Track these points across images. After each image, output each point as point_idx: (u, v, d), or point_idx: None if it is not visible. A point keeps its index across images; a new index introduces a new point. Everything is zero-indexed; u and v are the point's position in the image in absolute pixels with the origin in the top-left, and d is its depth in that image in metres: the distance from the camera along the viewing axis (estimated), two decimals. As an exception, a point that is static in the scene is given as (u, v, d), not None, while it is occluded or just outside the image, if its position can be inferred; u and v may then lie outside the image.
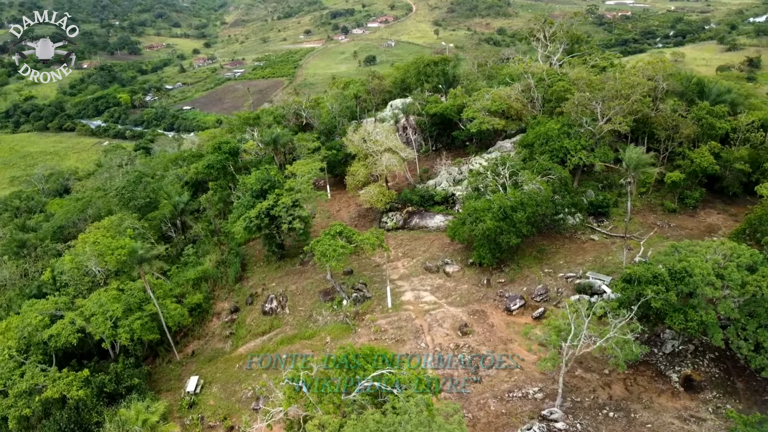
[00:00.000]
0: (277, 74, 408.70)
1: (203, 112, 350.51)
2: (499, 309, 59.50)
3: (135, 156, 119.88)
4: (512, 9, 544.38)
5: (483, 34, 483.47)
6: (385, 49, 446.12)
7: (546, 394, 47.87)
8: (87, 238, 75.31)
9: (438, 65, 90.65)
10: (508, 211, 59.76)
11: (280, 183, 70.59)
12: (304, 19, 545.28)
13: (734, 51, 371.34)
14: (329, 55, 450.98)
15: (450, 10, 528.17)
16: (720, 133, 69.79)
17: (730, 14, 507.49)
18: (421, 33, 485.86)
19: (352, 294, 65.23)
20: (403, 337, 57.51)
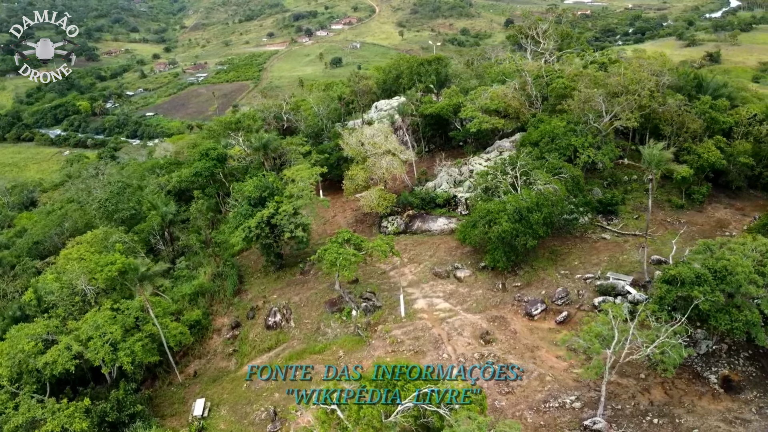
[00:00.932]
0: (242, 77, 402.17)
1: (167, 118, 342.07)
2: (519, 314, 57.44)
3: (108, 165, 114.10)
4: (474, 9, 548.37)
5: (447, 34, 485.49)
6: (351, 51, 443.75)
7: (584, 403, 45.89)
8: (70, 254, 70.91)
9: (432, 65, 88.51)
10: (524, 212, 57.81)
11: (279, 190, 67.25)
12: (266, 21, 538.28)
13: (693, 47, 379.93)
14: (294, 57, 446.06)
15: (413, 11, 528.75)
16: (724, 127, 69.32)
17: (687, 11, 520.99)
18: (385, 34, 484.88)
19: (362, 304, 62.31)
20: (422, 347, 54.87)
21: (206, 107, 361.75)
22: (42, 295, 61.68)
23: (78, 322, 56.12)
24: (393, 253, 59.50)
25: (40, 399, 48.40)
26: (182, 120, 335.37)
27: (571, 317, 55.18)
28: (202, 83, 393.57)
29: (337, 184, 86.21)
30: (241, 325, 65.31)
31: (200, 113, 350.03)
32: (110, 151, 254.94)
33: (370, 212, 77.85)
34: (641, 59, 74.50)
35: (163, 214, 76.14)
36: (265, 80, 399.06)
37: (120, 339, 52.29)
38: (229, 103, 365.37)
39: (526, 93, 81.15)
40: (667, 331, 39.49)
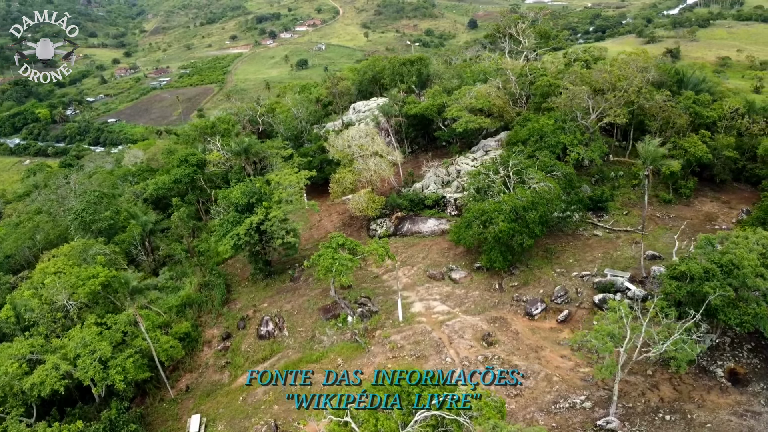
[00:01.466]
0: (206, 81, 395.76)
1: (130, 124, 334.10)
2: (519, 314, 56.89)
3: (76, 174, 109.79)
4: (437, 10, 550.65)
5: (412, 35, 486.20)
6: (317, 53, 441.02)
7: (594, 402, 45.45)
8: (47, 268, 67.67)
9: (414, 65, 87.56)
10: (520, 211, 57.31)
11: (267, 195, 65.40)
12: (228, 24, 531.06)
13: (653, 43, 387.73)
14: (258, 60, 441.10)
15: (377, 12, 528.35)
16: (708, 121, 70.13)
17: (645, 8, 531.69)
18: (350, 36, 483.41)
19: (357, 309, 60.98)
20: (423, 352, 53.81)
21: (170, 112, 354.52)
22: (21, 312, 58.57)
23: (62, 339, 53.43)
24: (389, 257, 58.27)
25: (29, 423, 45.81)
26: (146, 126, 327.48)
27: (572, 316, 54.89)
28: (165, 88, 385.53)
29: (321, 187, 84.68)
30: (232, 336, 63.25)
31: (164, 118, 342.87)
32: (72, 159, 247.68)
33: (358, 215, 76.57)
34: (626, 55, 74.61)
35: (143, 223, 73.43)
36: (229, 83, 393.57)
37: (110, 356, 49.90)
38: (193, 107, 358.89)
39: (509, 92, 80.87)
40: (682, 327, 39.18)
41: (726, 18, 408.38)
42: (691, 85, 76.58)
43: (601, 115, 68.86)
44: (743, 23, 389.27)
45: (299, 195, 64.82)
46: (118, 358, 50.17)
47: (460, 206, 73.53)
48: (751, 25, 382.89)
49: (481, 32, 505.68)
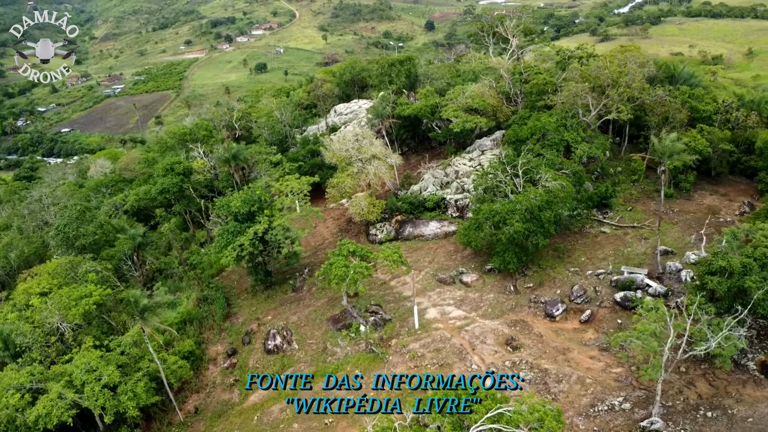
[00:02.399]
0: (162, 87, 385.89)
1: (85, 133, 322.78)
2: (539, 316, 55.77)
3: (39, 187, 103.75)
4: (394, 12, 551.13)
5: (370, 37, 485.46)
6: (275, 56, 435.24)
7: (633, 403, 44.53)
8: (30, 288, 63.57)
9: (403, 65, 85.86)
10: (535, 211, 56.22)
11: (268, 203, 62.68)
12: (182, 29, 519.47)
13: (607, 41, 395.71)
14: (215, 64, 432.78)
15: (334, 15, 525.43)
16: (704, 115, 70.66)
17: (596, 7, 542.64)
18: (308, 39, 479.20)
19: (369, 318, 58.85)
20: (446, 360, 52.09)
21: (126, 120, 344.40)
22: (9, 337, 54.36)
23: (61, 365, 49.74)
24: (402, 262, 56.33)
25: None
26: (101, 134, 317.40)
27: (594, 315, 54.06)
28: (119, 95, 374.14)
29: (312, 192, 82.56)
30: (237, 352, 60.27)
31: (120, 126, 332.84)
32: (26, 171, 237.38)
33: (356, 220, 74.45)
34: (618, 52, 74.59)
35: (132, 237, 69.58)
36: (187, 89, 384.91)
37: (118, 381, 46.56)
38: (150, 114, 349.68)
39: (503, 91, 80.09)
40: (731, 323, 38.58)
41: (676, 15, 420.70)
42: (682, 80, 77.27)
43: (601, 111, 68.57)
44: (693, 19, 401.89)
45: (305, 201, 62.22)
46: (128, 383, 46.89)
47: (461, 207, 72.25)
48: (701, 21, 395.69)
49: (438, 34, 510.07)
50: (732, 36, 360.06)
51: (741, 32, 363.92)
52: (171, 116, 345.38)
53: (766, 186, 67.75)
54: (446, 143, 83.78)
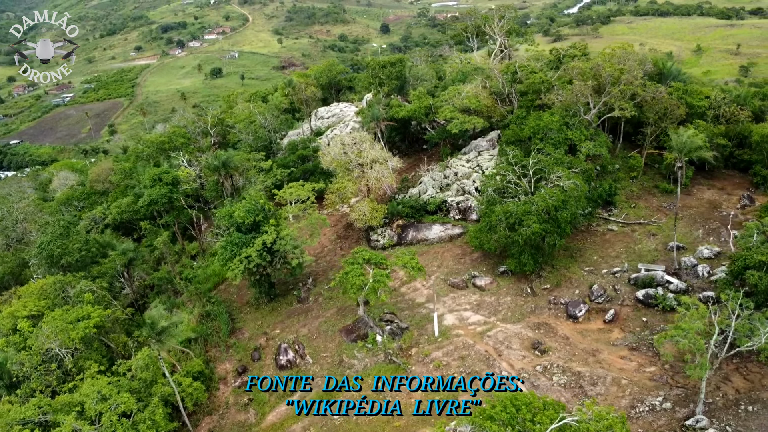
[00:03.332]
0: (114, 95, 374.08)
1: (35, 144, 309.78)
2: (561, 318, 55.00)
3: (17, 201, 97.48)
4: (348, 15, 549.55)
5: (326, 41, 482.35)
6: (230, 61, 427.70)
7: (673, 402, 44.03)
8: (17, 311, 59.27)
9: (395, 66, 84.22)
10: (552, 211, 55.45)
11: (272, 212, 60.11)
12: (131, 35, 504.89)
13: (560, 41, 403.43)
14: (168, 70, 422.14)
15: (288, 18, 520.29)
16: (699, 111, 71.48)
17: (546, 8, 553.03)
18: (263, 42, 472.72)
19: (385, 327, 56.97)
20: (472, 367, 50.62)
21: (78, 129, 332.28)
22: (3, 367, 50.29)
23: (67, 395, 46.16)
24: (419, 268, 54.64)
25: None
26: (53, 145, 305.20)
27: (618, 315, 53.59)
28: (69, 104, 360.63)
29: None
30: (248, 370, 57.42)
31: (72, 136, 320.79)
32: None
33: (355, 226, 72.46)
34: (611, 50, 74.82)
35: (123, 252, 65.81)
36: (140, 96, 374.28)
37: (135, 409, 43.41)
38: (103, 123, 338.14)
39: (496, 91, 79.42)
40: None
41: (625, 14, 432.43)
42: (671, 77, 78.11)
43: (601, 109, 68.54)
44: (641, 18, 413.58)
45: (313, 209, 59.89)
46: (145, 411, 43.75)
47: (464, 210, 71.13)
48: (649, 20, 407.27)
49: (394, 36, 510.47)
50: (680, 33, 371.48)
51: (688, 29, 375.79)
52: (125, 124, 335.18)
53: (762, 179, 68.90)
54: (439, 145, 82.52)
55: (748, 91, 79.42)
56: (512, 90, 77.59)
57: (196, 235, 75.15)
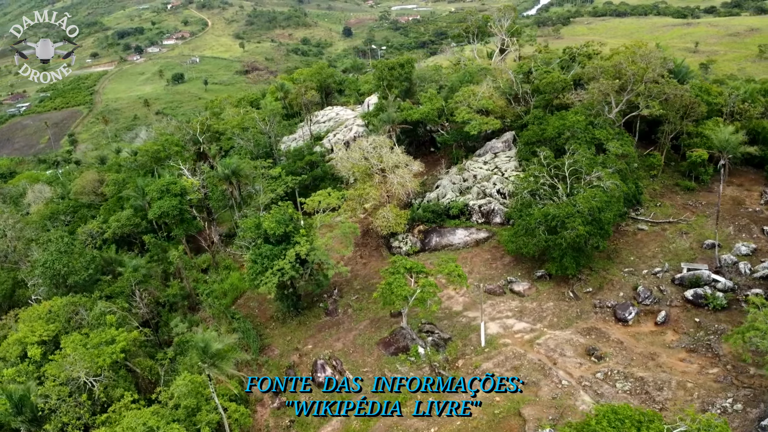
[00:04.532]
0: (72, 103, 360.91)
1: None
2: (610, 322, 53.69)
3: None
4: (310, 19, 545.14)
5: (288, 44, 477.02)
6: (191, 66, 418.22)
7: (743, 403, 42.96)
8: (25, 337, 54.84)
9: (404, 68, 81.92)
10: (595, 213, 54.18)
11: (301, 222, 57.21)
12: (86, 41, 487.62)
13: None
14: (127, 76, 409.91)
15: (249, 22, 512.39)
16: (715, 108, 71.62)
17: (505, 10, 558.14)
18: (224, 47, 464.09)
19: (427, 338, 54.69)
20: (529, 378, 48.67)
21: (36, 140, 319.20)
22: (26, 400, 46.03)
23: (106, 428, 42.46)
24: (461, 277, 52.47)
25: None
26: (11, 157, 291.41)
27: (669, 316, 52.60)
28: (25, 113, 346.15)
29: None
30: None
31: (31, 147, 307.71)
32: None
33: (372, 233, 70.13)
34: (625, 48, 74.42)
35: (134, 269, 61.77)
36: (99, 104, 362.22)
37: (187, 440, 40.12)
38: (63, 132, 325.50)
39: (509, 91, 78.17)
40: None
41: (583, 15, 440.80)
42: (682, 75, 78.23)
43: (623, 108, 67.90)
44: (600, 19, 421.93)
45: (346, 216, 57.20)
46: (198, 442, 40.48)
47: (487, 213, 69.46)
48: (607, 20, 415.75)
49: (357, 39, 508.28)
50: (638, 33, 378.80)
51: (646, 29, 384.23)
52: (85, 134, 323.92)
53: (777, 175, 69.31)
54: (446, 147, 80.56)
55: (754, 87, 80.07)
56: (527, 90, 76.36)
57: (208, 247, 71.42)
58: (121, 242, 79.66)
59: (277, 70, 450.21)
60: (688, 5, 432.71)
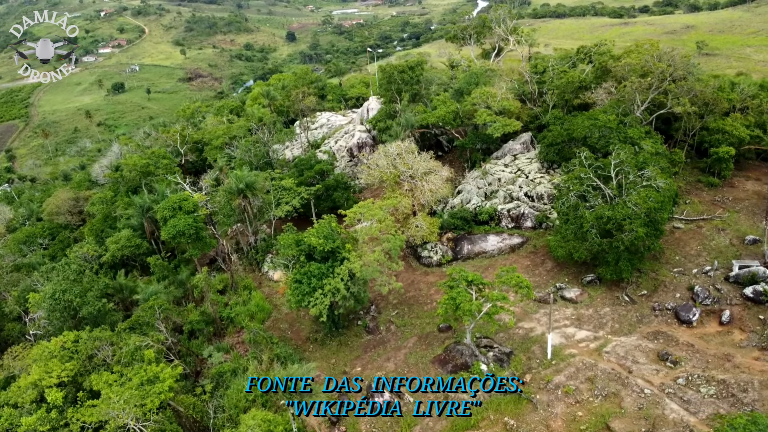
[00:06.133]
0: (6, 117, 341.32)
1: None
2: (673, 325, 52.35)
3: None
4: (252, 24, 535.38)
5: (231, 50, 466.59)
6: (131, 75, 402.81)
7: (839, 403, 42.40)
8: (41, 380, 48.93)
9: (414, 70, 78.81)
10: (653, 213, 52.87)
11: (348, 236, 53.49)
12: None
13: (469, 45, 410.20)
14: (64, 87, 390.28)
15: (188, 29, 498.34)
16: (732, 104, 72.19)
17: (446, 14, 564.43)
18: (164, 54, 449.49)
19: (488, 354, 51.96)
20: (608, 389, 46.57)
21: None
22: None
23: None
24: (528, 287, 49.94)
25: None
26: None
27: (733, 316, 51.74)
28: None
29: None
30: (341, 418, 50.30)
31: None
32: None
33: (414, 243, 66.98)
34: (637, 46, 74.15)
35: (152, 295, 56.39)
36: (36, 117, 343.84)
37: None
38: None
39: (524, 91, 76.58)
40: None
41: (524, 17, 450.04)
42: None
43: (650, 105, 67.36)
44: (540, 20, 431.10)
45: (395, 228, 53.75)
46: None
47: (516, 217, 67.48)
48: (548, 22, 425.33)
49: (301, 44, 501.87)
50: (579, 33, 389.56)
51: (586, 29, 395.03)
52: (23, 148, 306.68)
53: (791, 168, 70.30)
54: (463, 150, 78.34)
55: (754, 82, 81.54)
56: (543, 89, 74.93)
57: (227, 266, 66.24)
58: (115, 266, 73.40)
59: (222, 76, 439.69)
60: (623, 5, 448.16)
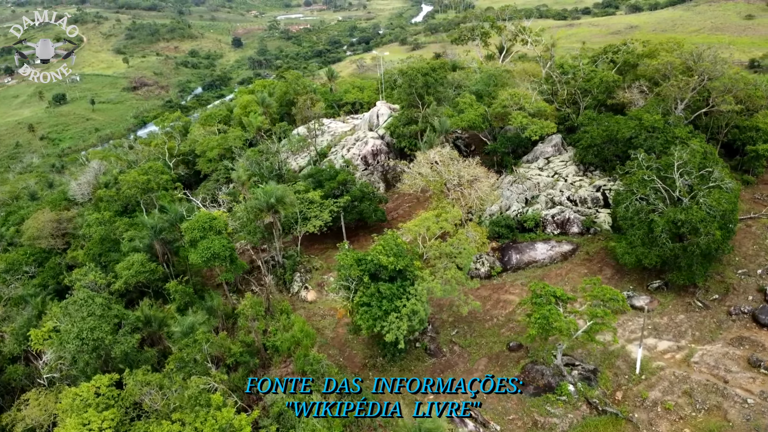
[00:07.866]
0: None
1: None
2: (754, 329, 50.52)
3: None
4: (196, 30, 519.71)
5: (176, 57, 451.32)
6: (72, 85, 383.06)
7: None
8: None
9: (437, 72, 74.75)
10: (728, 215, 51.01)
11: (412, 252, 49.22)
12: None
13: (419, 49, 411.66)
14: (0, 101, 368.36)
15: (129, 36, 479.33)
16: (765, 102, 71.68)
17: (392, 18, 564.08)
18: (106, 63, 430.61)
19: (572, 372, 48.74)
20: (709, 401, 44.36)
21: None
22: None
23: None
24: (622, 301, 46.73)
25: None
26: None
27: (816, 316, 50.37)
28: None
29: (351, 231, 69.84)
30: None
31: None
32: None
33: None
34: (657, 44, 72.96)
35: (190, 327, 50.58)
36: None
37: None
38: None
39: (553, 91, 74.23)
40: None
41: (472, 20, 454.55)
42: (700, 72, 78.14)
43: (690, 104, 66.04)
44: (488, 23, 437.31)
45: (467, 242, 49.78)
46: None
47: (562, 223, 64.75)
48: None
49: (248, 50, 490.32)
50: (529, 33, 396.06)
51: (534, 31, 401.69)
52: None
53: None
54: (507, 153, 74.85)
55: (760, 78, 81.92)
56: (572, 90, 72.67)
57: (263, 290, 60.48)
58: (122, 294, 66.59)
59: (169, 84, 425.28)
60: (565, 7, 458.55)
